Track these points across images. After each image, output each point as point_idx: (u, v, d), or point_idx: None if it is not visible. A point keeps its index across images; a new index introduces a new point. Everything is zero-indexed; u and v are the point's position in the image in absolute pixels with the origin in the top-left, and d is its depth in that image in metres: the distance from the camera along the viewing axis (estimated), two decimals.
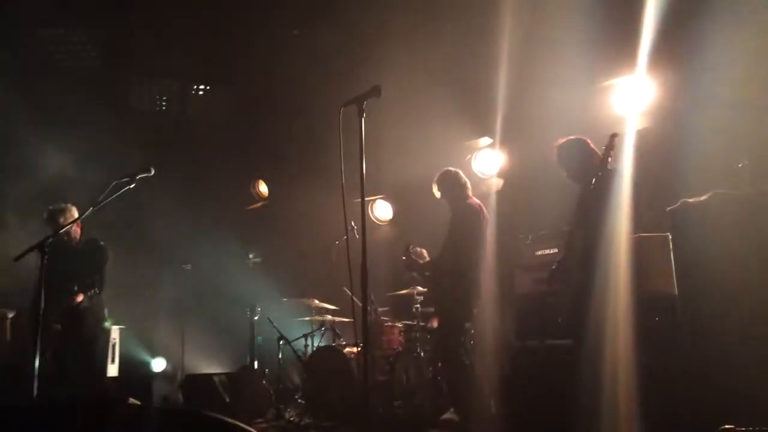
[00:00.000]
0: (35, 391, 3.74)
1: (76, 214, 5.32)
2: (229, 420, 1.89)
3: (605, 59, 5.85)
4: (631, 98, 6.02)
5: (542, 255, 5.18)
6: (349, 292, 3.58)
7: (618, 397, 3.09)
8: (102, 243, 5.45)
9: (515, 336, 5.10)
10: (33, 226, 6.54)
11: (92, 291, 5.24)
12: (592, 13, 5.37)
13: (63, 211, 5.32)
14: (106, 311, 5.59)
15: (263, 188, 9.09)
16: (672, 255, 4.34)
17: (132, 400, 2.14)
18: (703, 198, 4.30)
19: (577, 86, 5.88)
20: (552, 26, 5.58)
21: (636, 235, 3.83)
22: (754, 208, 4.11)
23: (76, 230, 5.40)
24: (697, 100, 5.77)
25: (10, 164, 7.17)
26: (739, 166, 4.57)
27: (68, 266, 5.13)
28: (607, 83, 6.07)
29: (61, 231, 4.84)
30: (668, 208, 4.43)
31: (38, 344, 3.88)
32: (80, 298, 5.10)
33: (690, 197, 4.40)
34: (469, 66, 6.59)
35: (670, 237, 4.38)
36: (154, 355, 8.02)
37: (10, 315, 7.02)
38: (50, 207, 5.35)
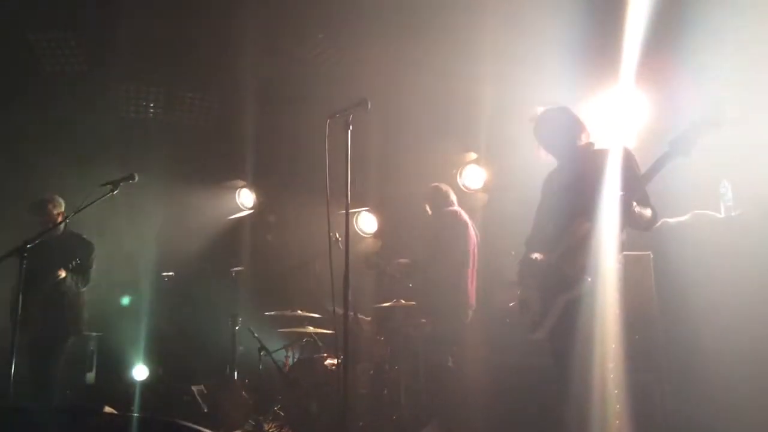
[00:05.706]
0: (11, 395, 3.70)
1: (63, 205, 5.27)
2: (206, 430, 1.87)
3: (589, 77, 5.92)
4: (614, 116, 6.09)
5: None
6: (331, 308, 3.58)
7: (604, 412, 3.10)
8: (86, 237, 5.36)
9: (496, 350, 5.11)
10: (14, 229, 6.47)
11: (75, 277, 5.11)
12: (576, 30, 5.43)
13: (51, 200, 5.24)
14: (86, 314, 5.51)
15: (247, 197, 9.05)
16: (653, 274, 4.38)
17: (108, 409, 2.11)
18: (683, 218, 4.36)
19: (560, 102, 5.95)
20: (536, 43, 5.64)
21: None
22: (734, 230, 4.18)
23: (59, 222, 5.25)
24: (680, 119, 5.84)
25: None
26: (721, 188, 4.62)
27: (53, 253, 4.99)
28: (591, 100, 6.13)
29: (51, 227, 4.93)
30: None
31: (14, 347, 3.83)
32: (63, 272, 4.95)
33: (671, 217, 4.45)
34: (456, 81, 6.64)
35: (651, 256, 4.42)
36: (133, 363, 7.91)
37: None
38: (36, 198, 5.26)
